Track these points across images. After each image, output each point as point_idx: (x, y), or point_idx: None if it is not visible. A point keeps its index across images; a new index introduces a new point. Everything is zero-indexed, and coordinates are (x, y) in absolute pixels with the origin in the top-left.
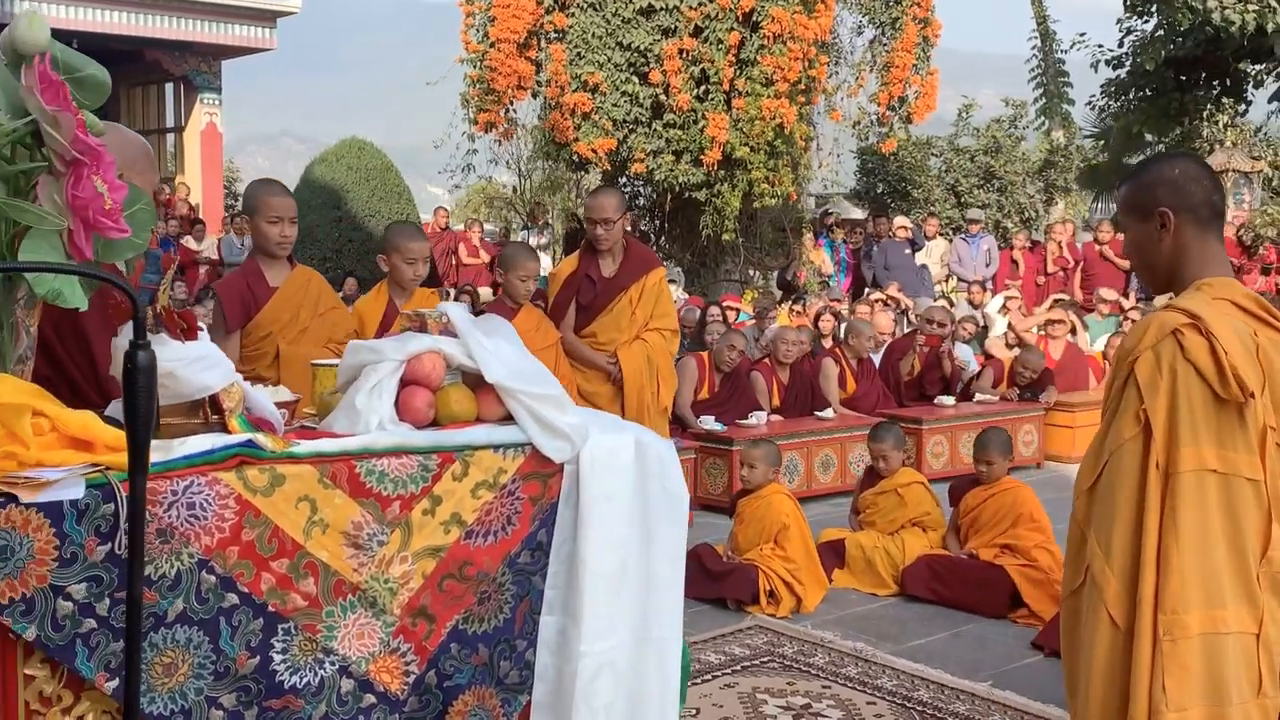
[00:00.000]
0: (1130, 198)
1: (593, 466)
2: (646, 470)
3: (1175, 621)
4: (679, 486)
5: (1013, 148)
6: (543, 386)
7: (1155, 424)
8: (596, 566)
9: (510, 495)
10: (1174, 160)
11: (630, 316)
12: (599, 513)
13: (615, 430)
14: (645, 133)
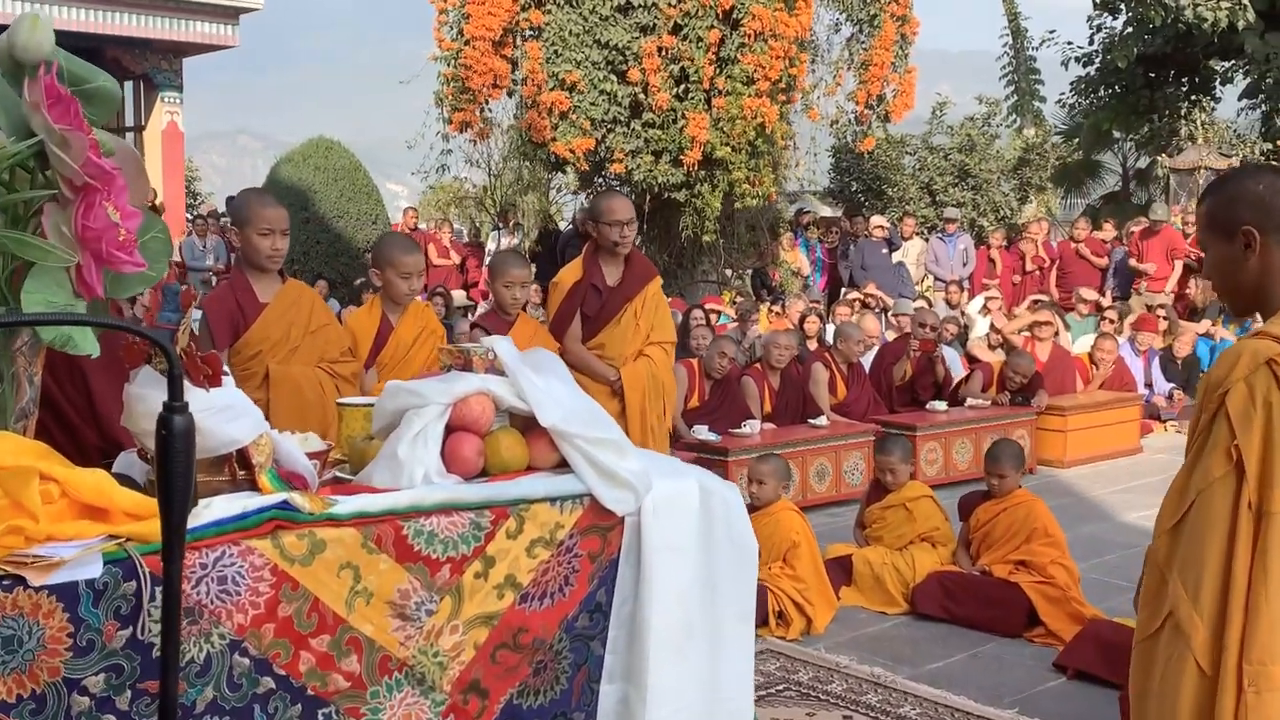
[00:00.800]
0: (1212, 214)
1: (655, 517)
2: (712, 518)
3: (1261, 673)
4: (747, 535)
5: (987, 146)
6: (600, 430)
7: (1249, 461)
8: (660, 627)
9: (568, 552)
10: (1260, 174)
11: (635, 328)
12: (662, 568)
13: (677, 475)
14: (624, 132)
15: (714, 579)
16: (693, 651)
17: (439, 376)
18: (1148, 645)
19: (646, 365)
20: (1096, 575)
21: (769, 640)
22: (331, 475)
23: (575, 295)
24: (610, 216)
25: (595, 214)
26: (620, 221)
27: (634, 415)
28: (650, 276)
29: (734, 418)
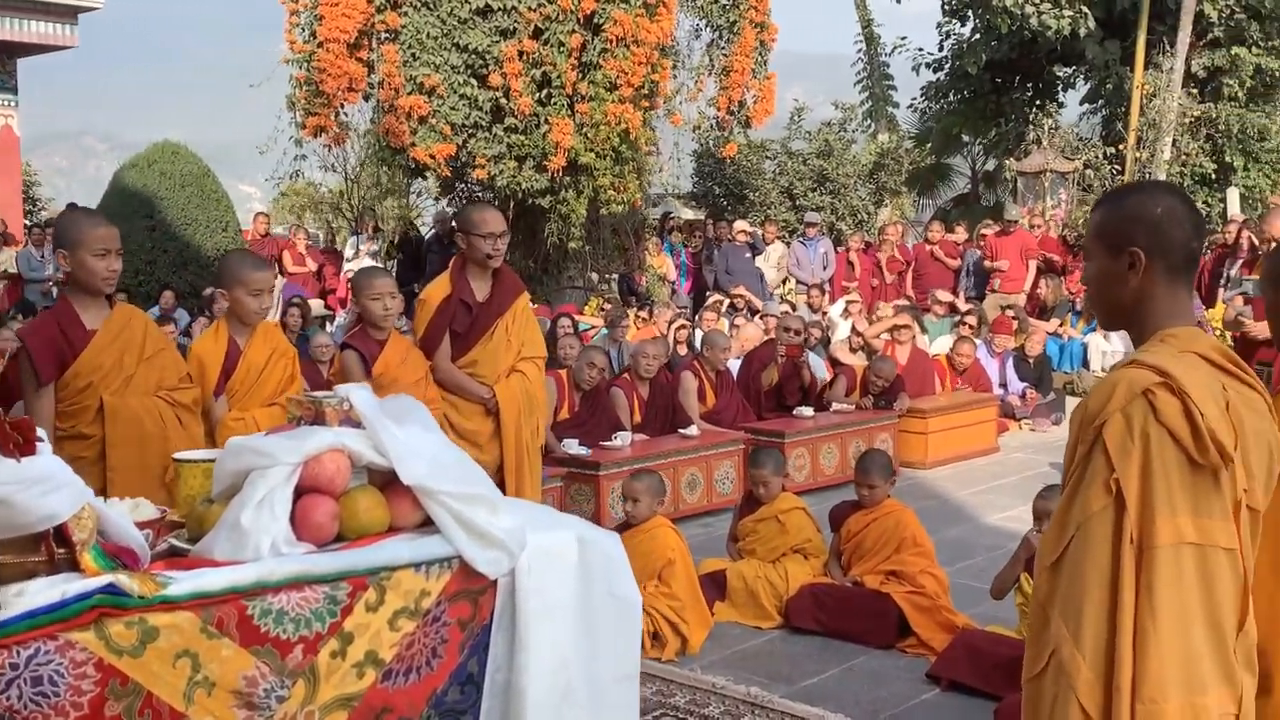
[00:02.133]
0: (1103, 227)
1: (530, 576)
2: (591, 573)
3: (1154, 711)
4: (629, 588)
5: (843, 150)
6: (470, 484)
7: (1128, 494)
8: (537, 694)
9: (435, 622)
10: (1158, 196)
11: (507, 344)
12: (538, 631)
13: (553, 527)
14: (486, 137)
15: (594, 638)
16: (572, 717)
17: (287, 432)
18: (1034, 685)
19: (520, 382)
20: (963, 579)
21: (644, 663)
22: (167, 544)
23: (444, 312)
24: (482, 229)
25: (465, 226)
26: (493, 234)
27: (509, 434)
28: (519, 291)
29: (604, 429)
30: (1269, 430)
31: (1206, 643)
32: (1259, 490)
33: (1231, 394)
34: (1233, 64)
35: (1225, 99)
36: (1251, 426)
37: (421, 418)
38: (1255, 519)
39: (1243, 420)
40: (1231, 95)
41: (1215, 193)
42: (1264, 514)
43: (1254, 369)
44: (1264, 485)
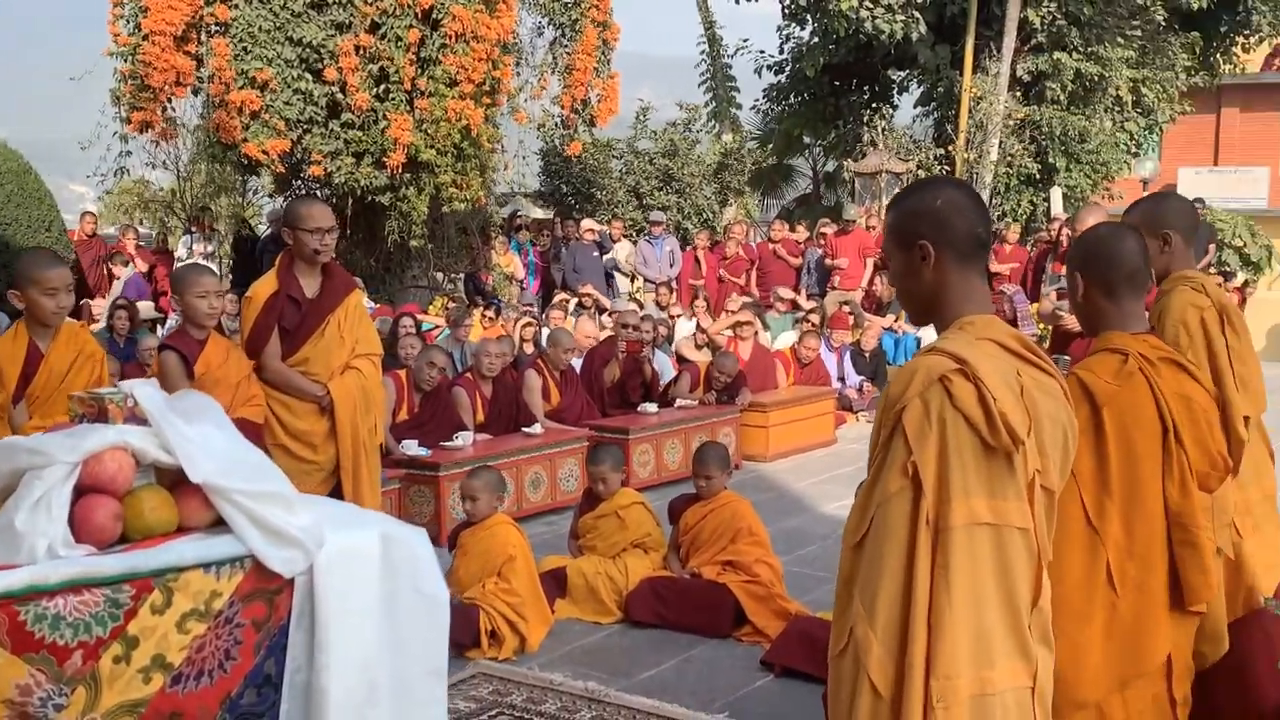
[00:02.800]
0: (893, 225)
1: (330, 575)
2: (395, 571)
3: (948, 687)
4: (435, 584)
5: (688, 150)
6: (263, 482)
7: (925, 477)
8: (339, 695)
9: (228, 623)
10: (939, 189)
11: (340, 341)
12: (340, 630)
13: (355, 526)
14: (322, 133)
15: (400, 635)
16: (377, 717)
17: (67, 430)
18: (837, 663)
19: (356, 379)
20: (798, 568)
21: (480, 662)
22: None
23: (271, 309)
24: (309, 224)
25: (292, 221)
26: (320, 229)
27: (344, 432)
28: (351, 287)
29: (446, 430)
30: (1063, 413)
31: (1000, 619)
32: (1053, 471)
33: (1026, 379)
34: (1055, 69)
35: (1048, 102)
36: (1045, 410)
37: (214, 415)
38: (1050, 499)
39: (1036, 404)
40: (1054, 99)
41: (1039, 192)
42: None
43: (1070, 359)
44: (1059, 467)
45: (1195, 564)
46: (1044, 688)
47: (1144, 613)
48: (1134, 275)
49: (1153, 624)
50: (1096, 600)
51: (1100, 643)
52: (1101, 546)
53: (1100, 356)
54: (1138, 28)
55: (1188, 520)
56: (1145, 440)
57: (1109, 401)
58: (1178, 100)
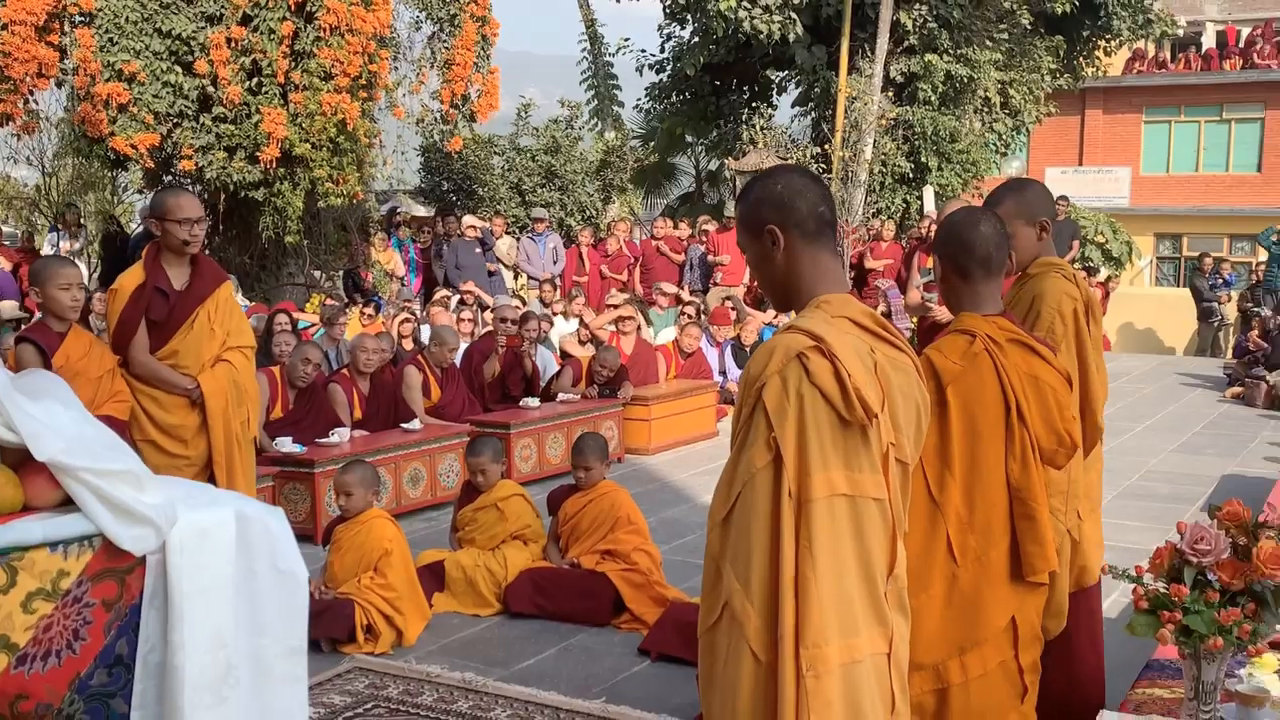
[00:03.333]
0: (742, 217)
1: (183, 554)
2: (252, 549)
3: (817, 655)
4: (294, 561)
5: (571, 147)
6: (112, 460)
7: (785, 451)
8: (195, 674)
9: (77, 603)
10: (778, 175)
11: (210, 333)
12: (194, 609)
13: (209, 505)
14: (193, 127)
15: (258, 614)
16: (236, 696)
17: None
18: (709, 636)
19: (227, 371)
20: (678, 556)
21: (357, 657)
22: None
23: (138, 301)
24: (177, 214)
25: (159, 212)
26: (189, 219)
27: (216, 426)
28: (221, 279)
29: (321, 427)
30: (915, 390)
31: (859, 588)
32: (907, 445)
33: (880, 355)
34: (926, 70)
35: (920, 103)
36: (898, 386)
37: (61, 394)
38: (905, 472)
39: (890, 380)
40: (926, 99)
41: (913, 191)
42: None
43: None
44: (913, 440)
45: (1033, 536)
46: (899, 655)
47: (983, 583)
48: (987, 259)
49: (991, 594)
50: (935, 570)
51: (938, 610)
52: (941, 519)
53: (950, 337)
54: (1005, 31)
55: (1027, 495)
56: (988, 418)
57: (954, 380)
58: (1043, 102)
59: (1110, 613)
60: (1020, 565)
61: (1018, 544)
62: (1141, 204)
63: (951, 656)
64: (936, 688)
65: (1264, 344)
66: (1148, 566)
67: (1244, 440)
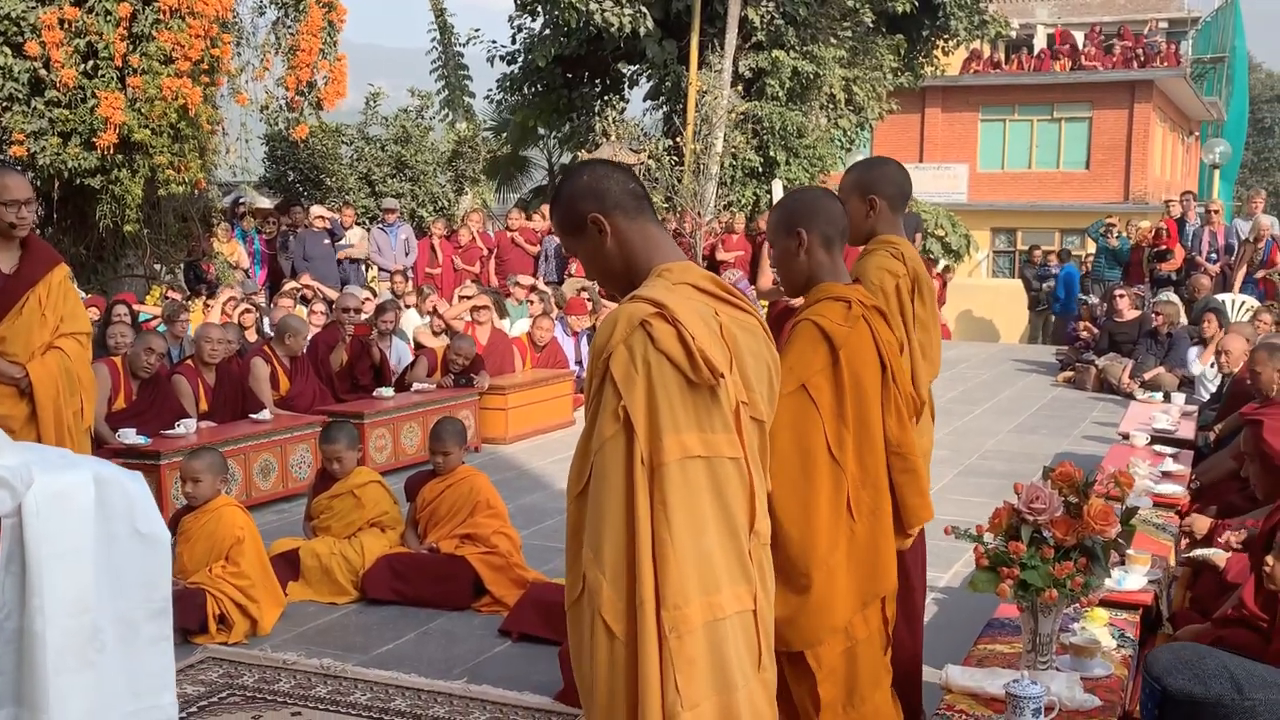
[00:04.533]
0: (561, 218)
1: (40, 517)
2: (111, 512)
3: (679, 616)
4: (155, 524)
5: (422, 138)
6: None
7: (635, 418)
8: (56, 640)
9: None
10: (580, 169)
11: (41, 319)
12: (53, 573)
13: (67, 468)
14: (24, 111)
15: (120, 577)
16: (102, 660)
17: None
18: (574, 610)
19: (58, 359)
20: (537, 540)
21: (210, 647)
22: None
23: None
24: (4, 196)
25: None
26: (16, 201)
27: (46, 415)
28: (54, 262)
29: (166, 418)
30: (764, 350)
31: (720, 545)
32: (760, 403)
33: (724, 317)
34: (774, 66)
35: (768, 98)
36: (746, 346)
37: None
38: (761, 430)
39: (737, 340)
40: (774, 95)
41: (763, 184)
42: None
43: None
44: (766, 399)
45: (914, 488)
46: (764, 612)
47: (879, 537)
48: (845, 232)
49: (886, 547)
50: (840, 528)
51: (845, 567)
52: (843, 476)
53: (828, 303)
54: (849, 29)
55: (906, 450)
56: (870, 378)
57: (844, 343)
58: (885, 99)
59: (954, 581)
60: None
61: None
62: (979, 199)
63: (856, 612)
64: (845, 647)
65: (1094, 330)
66: (988, 526)
67: (1074, 420)
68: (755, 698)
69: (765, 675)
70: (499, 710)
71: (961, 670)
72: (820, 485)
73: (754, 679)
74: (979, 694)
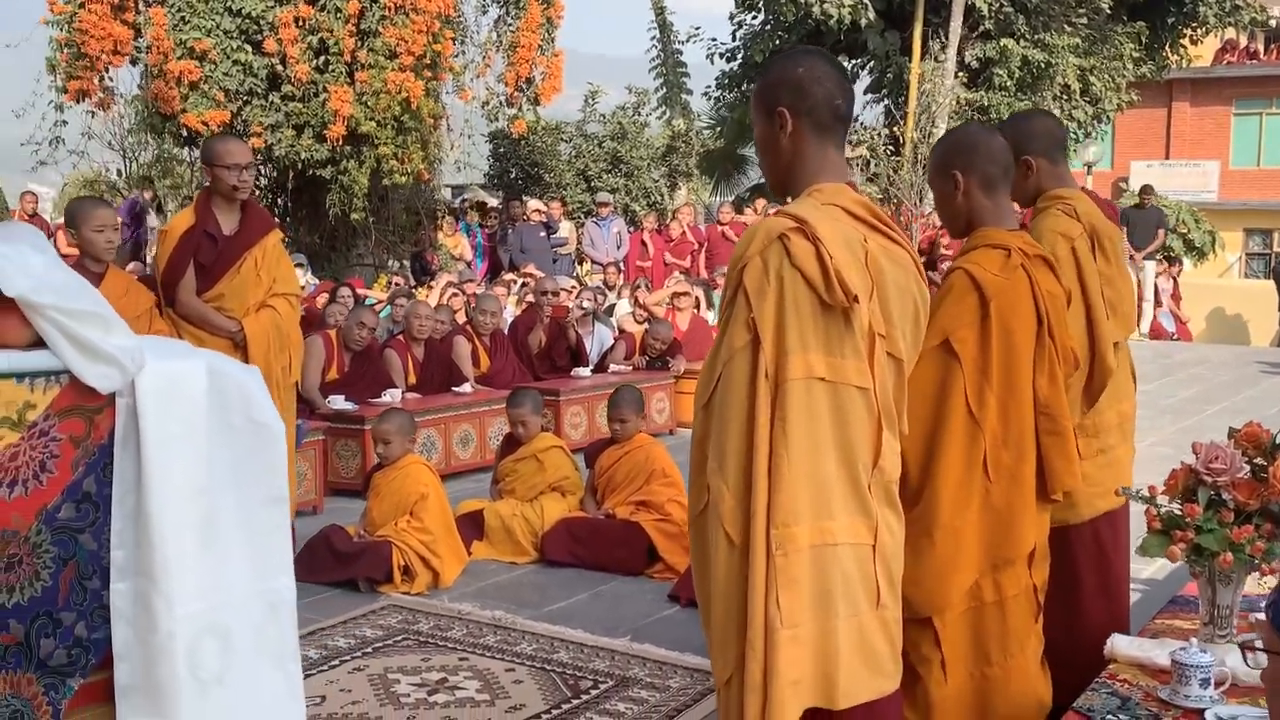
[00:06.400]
0: (756, 95)
1: (154, 399)
2: (226, 401)
3: (786, 535)
4: (268, 414)
5: (637, 134)
6: (82, 301)
7: (763, 331)
8: (176, 518)
9: (43, 436)
10: (800, 58)
11: (256, 279)
12: (169, 455)
13: (180, 356)
14: (262, 105)
15: (236, 463)
16: (219, 542)
17: None
18: (698, 523)
19: (270, 317)
20: None
21: (393, 596)
22: None
23: (188, 243)
24: (226, 159)
25: (209, 158)
26: (237, 164)
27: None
28: (270, 227)
29: (375, 389)
30: (913, 285)
31: (838, 474)
32: (900, 341)
33: (872, 245)
34: (1002, 55)
35: (996, 89)
36: (893, 279)
37: (35, 241)
38: (899, 369)
39: (883, 271)
40: (1001, 85)
41: None
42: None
43: None
44: (910, 338)
45: (1060, 451)
46: (885, 546)
47: (1016, 500)
48: (1008, 171)
49: (1023, 511)
50: (974, 488)
51: (974, 528)
52: (981, 435)
53: (983, 251)
54: (1084, 16)
55: (1055, 410)
56: (1023, 332)
57: (997, 294)
58: (1124, 90)
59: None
60: (1042, 482)
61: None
62: (1230, 198)
63: (985, 575)
64: (970, 607)
65: None
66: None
67: None
68: (867, 631)
69: (884, 613)
70: (658, 668)
71: (1129, 640)
72: (953, 445)
73: (868, 613)
74: (1145, 664)
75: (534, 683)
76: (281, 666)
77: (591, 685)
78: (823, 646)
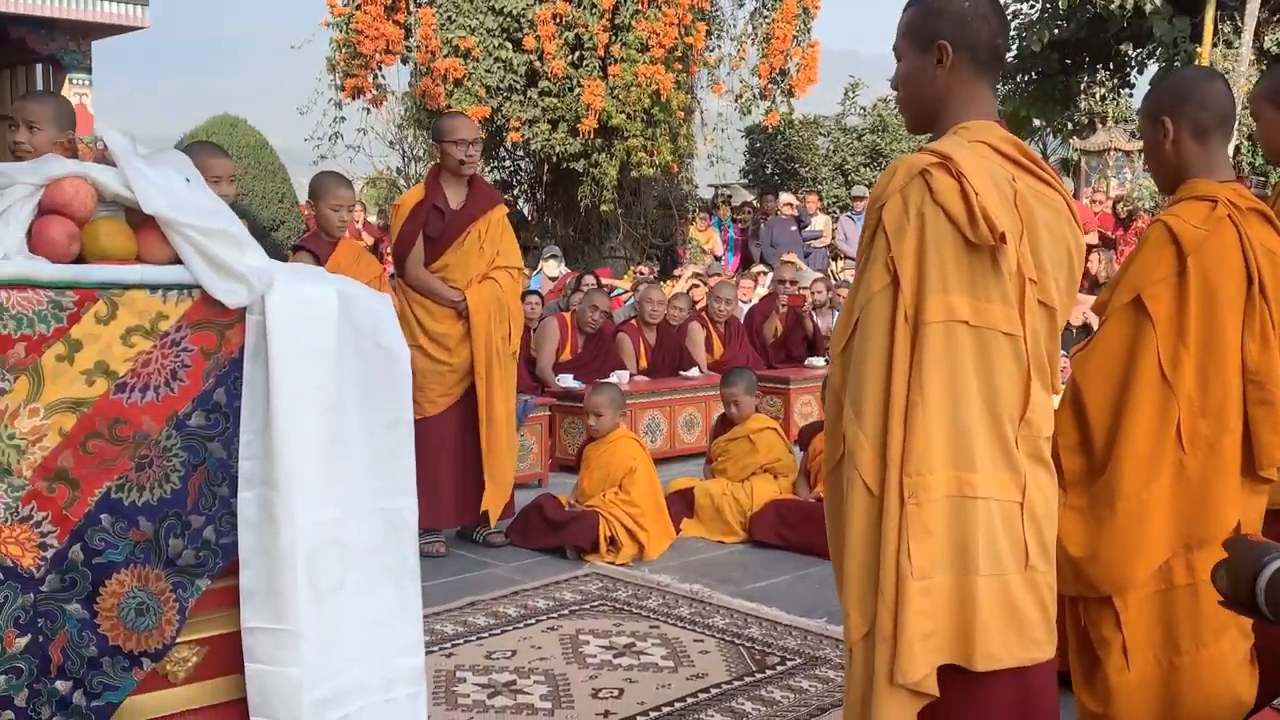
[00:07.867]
0: (911, 23)
1: (284, 317)
2: (357, 325)
3: (920, 483)
4: (395, 339)
5: (899, 126)
6: (216, 221)
7: (903, 271)
8: (302, 432)
9: (174, 346)
10: None
11: (480, 251)
12: (297, 372)
13: (311, 279)
14: (520, 100)
15: (363, 385)
16: (343, 459)
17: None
18: (834, 475)
19: (492, 288)
20: None
21: (597, 565)
22: None
23: (417, 217)
24: (454, 135)
25: (439, 134)
26: (464, 140)
27: (479, 336)
28: (495, 201)
29: (605, 371)
30: (1066, 230)
31: (981, 424)
32: (1052, 289)
33: (1021, 185)
34: None
35: None
36: (1044, 221)
37: (180, 165)
38: (1051, 317)
39: (1033, 213)
40: None
41: None
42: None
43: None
44: (1064, 286)
45: (1271, 423)
46: (1035, 506)
47: (1213, 474)
48: (1225, 119)
49: (1221, 487)
50: (1165, 458)
51: (1164, 502)
52: (1174, 401)
53: (1187, 204)
54: None
55: (1265, 378)
56: (1229, 291)
57: (1196, 248)
58: None
59: None
60: (1250, 458)
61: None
62: None
63: (1177, 555)
64: (1159, 588)
65: None
66: None
67: None
68: (1013, 592)
69: (1034, 575)
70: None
71: None
72: (1141, 410)
73: (1015, 574)
74: None
75: (720, 655)
76: (398, 584)
77: (779, 661)
78: (959, 602)
